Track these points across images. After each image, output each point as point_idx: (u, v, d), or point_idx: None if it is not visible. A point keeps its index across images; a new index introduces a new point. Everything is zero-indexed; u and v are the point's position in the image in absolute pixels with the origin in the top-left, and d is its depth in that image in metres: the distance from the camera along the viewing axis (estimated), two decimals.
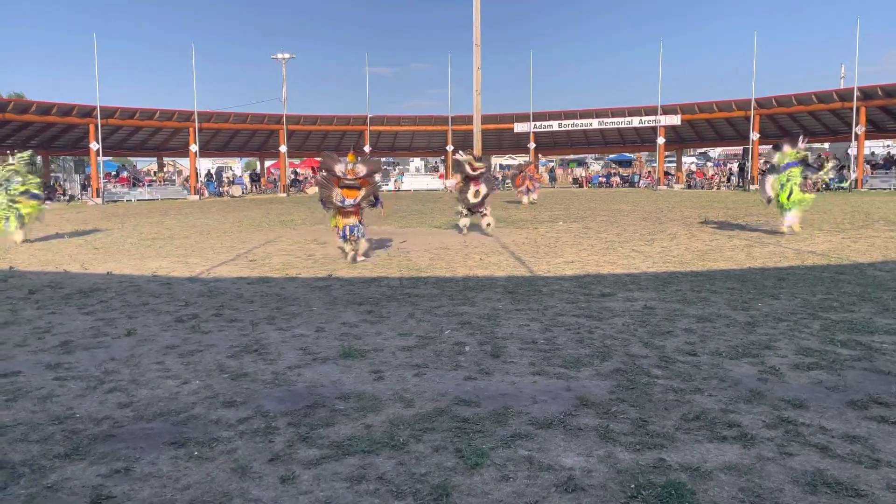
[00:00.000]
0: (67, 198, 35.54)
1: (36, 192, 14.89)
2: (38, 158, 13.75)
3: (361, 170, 10.38)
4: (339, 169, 10.30)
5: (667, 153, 45.57)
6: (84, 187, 37.26)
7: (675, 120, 40.22)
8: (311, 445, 3.51)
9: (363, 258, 10.57)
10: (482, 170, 14.42)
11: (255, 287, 8.39)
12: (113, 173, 42.81)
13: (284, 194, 40.58)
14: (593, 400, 4.12)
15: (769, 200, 14.09)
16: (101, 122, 34.58)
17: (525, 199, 25.67)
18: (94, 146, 34.52)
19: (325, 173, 10.63)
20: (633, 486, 3.00)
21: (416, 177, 48.06)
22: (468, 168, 14.33)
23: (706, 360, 4.94)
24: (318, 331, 6.03)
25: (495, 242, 13.11)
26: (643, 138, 45.76)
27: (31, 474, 3.22)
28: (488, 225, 14.54)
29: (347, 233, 10.43)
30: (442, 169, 47.00)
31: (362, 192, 10.44)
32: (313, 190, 42.29)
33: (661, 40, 72.50)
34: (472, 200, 14.43)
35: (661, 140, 40.73)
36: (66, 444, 3.56)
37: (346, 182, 10.30)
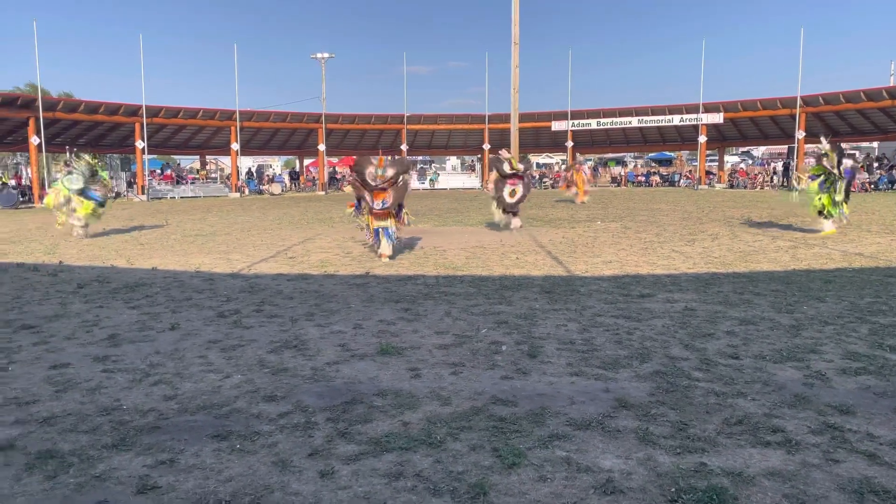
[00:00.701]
0: (114, 195, 36.46)
1: (93, 193, 15.23)
2: (105, 164, 14.16)
3: (390, 172, 10.60)
4: (369, 172, 10.50)
5: (708, 152, 44.71)
6: (130, 184, 38.19)
7: (717, 118, 39.45)
8: (350, 441, 3.55)
9: (388, 258, 10.61)
10: (521, 170, 14.46)
11: (295, 284, 8.50)
12: (157, 171, 43.82)
13: (323, 192, 41.01)
14: (632, 402, 4.08)
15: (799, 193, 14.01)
16: (146, 121, 35.40)
17: (578, 198, 25.36)
18: (139, 144, 35.35)
19: (355, 175, 10.84)
20: (673, 489, 2.97)
21: (452, 175, 48.08)
22: (507, 167, 14.35)
23: (749, 363, 4.85)
24: (356, 328, 6.09)
25: (532, 241, 13.05)
26: (684, 137, 44.98)
27: (79, 464, 3.32)
28: (516, 225, 14.59)
29: (382, 236, 10.62)
30: (479, 167, 46.89)
31: (391, 195, 10.59)
32: (349, 188, 42.66)
33: (704, 37, 70.98)
34: (509, 200, 14.48)
35: (702, 138, 40.00)
36: (113, 435, 3.66)
37: (376, 185, 10.51)
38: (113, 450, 3.48)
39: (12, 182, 37.15)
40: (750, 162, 60.28)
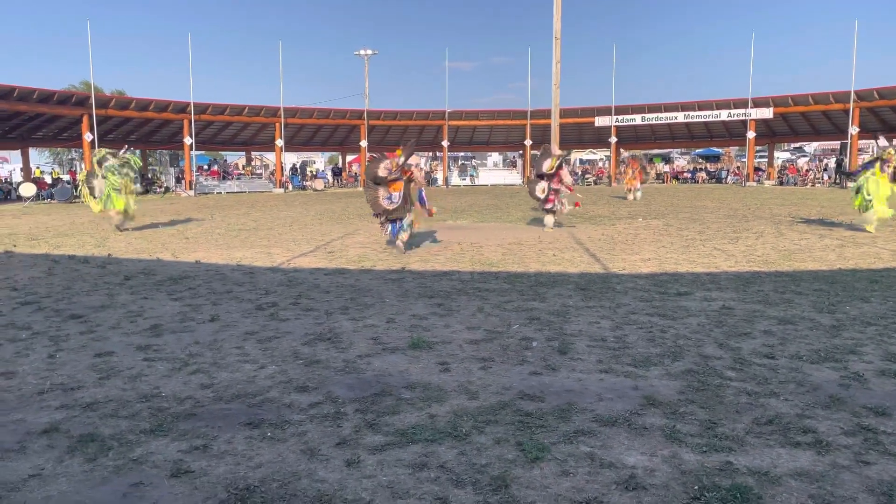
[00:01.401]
0: (163, 190, 37.46)
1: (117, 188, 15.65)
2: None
3: (403, 160, 10.90)
4: (384, 166, 10.81)
5: (757, 148, 43.64)
6: (178, 180, 39.18)
7: (766, 113, 38.48)
8: (377, 432, 3.62)
9: (401, 247, 10.99)
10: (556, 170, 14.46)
11: (332, 278, 8.64)
12: (205, 167, 44.84)
13: (365, 188, 41.41)
14: (661, 400, 4.05)
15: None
16: (194, 118, 36.24)
17: (630, 196, 25.01)
18: (187, 141, 36.23)
19: (369, 177, 11.18)
20: (696, 487, 2.95)
21: (493, 171, 47.98)
22: (545, 166, 14.39)
23: (784, 363, 4.76)
24: (389, 322, 6.17)
25: (570, 238, 12.98)
26: (732, 132, 44.02)
27: (118, 447, 3.46)
28: (549, 225, 14.55)
29: (397, 229, 11.04)
30: (520, 163, 46.67)
31: (401, 190, 10.93)
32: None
33: (752, 30, 69.22)
34: (539, 196, 14.55)
35: (751, 134, 39.06)
36: (151, 421, 3.81)
37: (391, 178, 10.81)
38: (150, 435, 3.61)
39: (67, 177, 38.49)
40: (805, 158, 58.59)
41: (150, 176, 41.00)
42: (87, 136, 31.83)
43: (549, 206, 14.58)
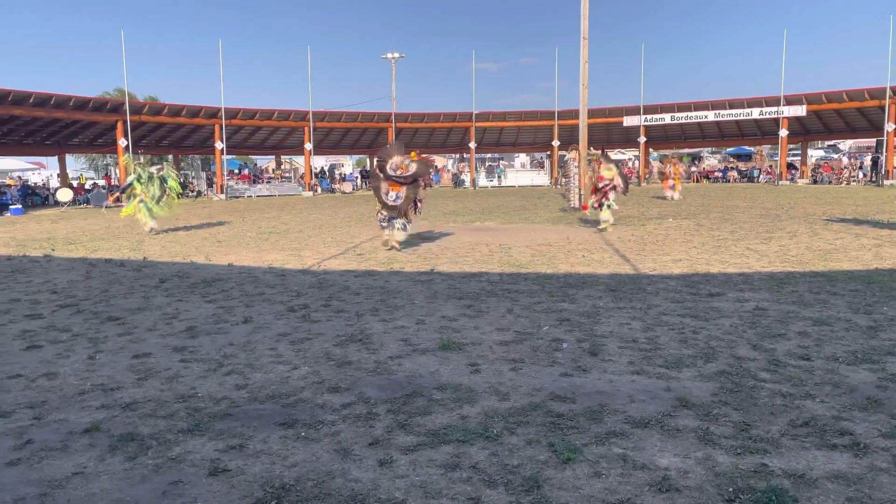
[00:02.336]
0: (195, 194, 38.06)
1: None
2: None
3: (412, 168, 11.34)
4: (394, 161, 11.22)
5: (790, 146, 42.86)
6: (209, 184, 39.77)
7: (799, 111, 37.79)
8: (409, 432, 3.66)
9: (397, 248, 11.49)
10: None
11: (362, 280, 8.71)
12: (235, 171, 45.47)
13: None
14: (694, 401, 4.03)
15: None
16: (225, 123, 36.77)
17: (669, 195, 24.69)
18: (218, 145, 36.77)
19: (377, 165, 11.66)
20: (731, 489, 2.93)
21: (520, 172, 47.84)
22: (596, 166, 14.57)
23: (820, 364, 4.69)
24: (419, 323, 6.21)
25: (600, 239, 12.90)
26: (764, 130, 43.29)
27: (157, 446, 3.54)
28: (605, 223, 14.46)
29: (385, 223, 11.59)
30: (548, 164, 46.43)
31: (404, 193, 11.39)
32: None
33: (784, 26, 68.03)
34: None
35: (783, 132, 38.40)
36: (188, 421, 3.89)
37: (394, 177, 11.22)
38: (188, 434, 3.69)
39: (102, 182, 39.32)
40: (835, 156, 57.40)
41: (182, 180, 41.69)
42: (122, 142, 32.49)
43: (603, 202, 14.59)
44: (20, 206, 27.25)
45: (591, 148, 15.48)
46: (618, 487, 2.99)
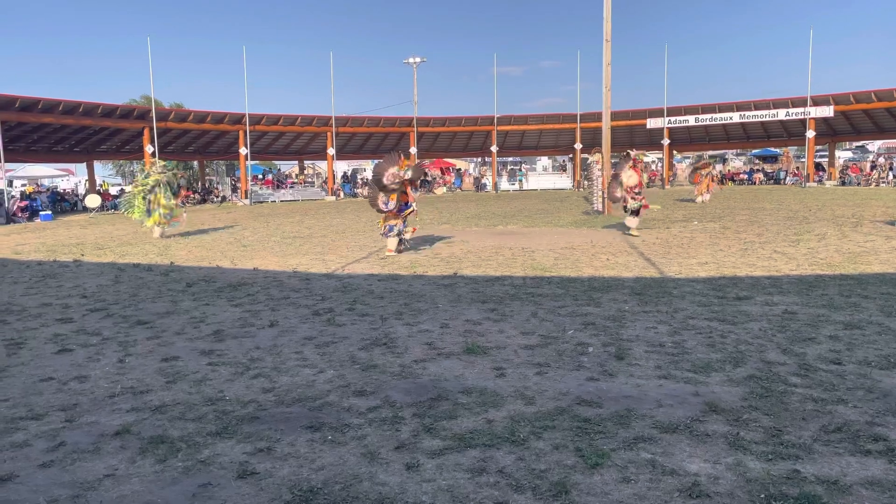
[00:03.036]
0: (220, 199, 38.47)
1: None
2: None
3: (409, 174, 11.78)
4: (390, 173, 11.70)
5: (817, 147, 42.18)
6: (234, 189, 40.18)
7: (826, 111, 37.18)
8: (435, 436, 3.66)
9: (395, 252, 11.75)
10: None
11: (385, 284, 8.74)
12: (259, 176, 45.89)
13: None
14: (723, 406, 3.98)
15: None
16: (249, 129, 37.14)
17: (699, 199, 24.32)
18: (243, 151, 37.13)
19: (373, 179, 12.20)
20: (762, 496, 2.89)
21: (542, 176, 47.65)
22: (627, 167, 14.38)
23: (852, 369, 4.60)
24: (443, 327, 6.21)
25: (624, 243, 12.80)
26: (790, 132, 42.66)
27: (187, 449, 3.58)
28: (632, 225, 14.31)
29: (387, 231, 11.88)
30: (570, 167, 46.23)
31: (395, 198, 11.76)
32: (441, 190, 43.15)
33: (811, 26, 67.09)
34: (617, 196, 14.49)
35: (810, 133, 37.81)
36: (216, 424, 3.93)
37: (391, 187, 11.66)
38: (216, 437, 3.73)
39: (129, 188, 39.91)
40: (867, 157, 56.35)
41: (208, 186, 42.19)
42: (149, 149, 32.94)
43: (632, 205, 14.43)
44: (50, 213, 27.77)
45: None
46: (647, 493, 2.97)
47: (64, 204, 34.36)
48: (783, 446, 3.39)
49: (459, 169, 53.11)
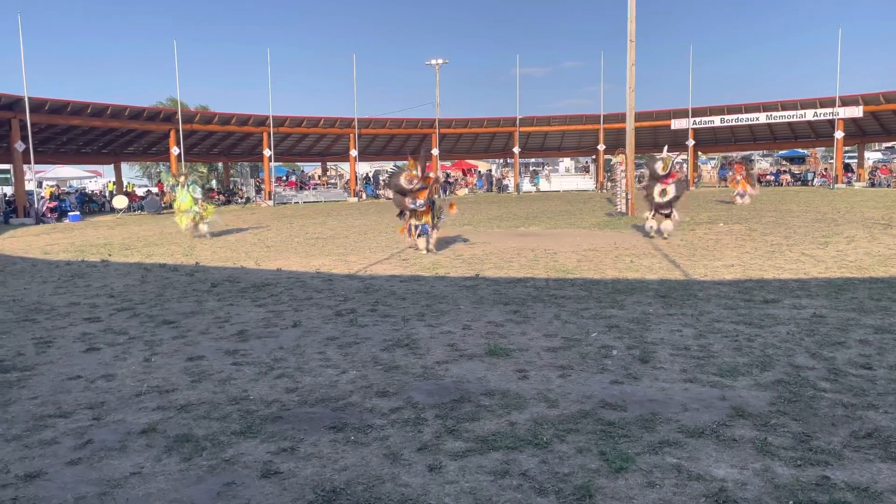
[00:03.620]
0: (244, 200, 38.84)
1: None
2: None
3: (419, 172, 12.03)
4: (404, 181, 12.01)
5: (846, 148, 41.47)
6: (258, 190, 40.54)
7: (855, 112, 36.54)
8: (458, 438, 3.64)
9: (433, 251, 12.08)
10: (676, 173, 14.10)
11: (407, 285, 8.75)
12: (283, 177, 46.24)
13: (436, 196, 41.72)
14: (751, 411, 3.91)
15: None
16: (273, 130, 37.46)
17: (739, 201, 23.82)
18: (266, 153, 37.46)
19: (395, 190, 12.46)
20: (791, 502, 2.83)
21: (565, 177, 47.41)
22: (660, 167, 13.98)
23: (883, 374, 4.51)
24: (465, 328, 6.20)
25: (648, 245, 12.69)
26: (818, 132, 42.00)
27: (211, 448, 3.61)
28: (668, 231, 13.87)
29: (420, 231, 12.09)
30: (593, 169, 45.95)
31: (427, 193, 12.01)
32: (463, 192, 43.13)
33: (839, 25, 65.88)
34: (658, 200, 13.98)
35: (839, 134, 37.19)
36: (241, 423, 3.96)
37: (413, 188, 11.88)
38: (241, 436, 3.76)
39: (155, 189, 40.45)
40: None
41: (231, 187, 42.61)
42: (174, 150, 33.37)
43: (666, 211, 13.98)
44: (78, 213, 28.24)
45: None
46: (673, 498, 2.93)
47: (92, 205, 34.92)
48: (812, 452, 3.33)
49: (482, 172, 52.94)
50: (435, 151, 42.63)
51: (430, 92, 43.10)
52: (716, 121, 40.89)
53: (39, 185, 34.22)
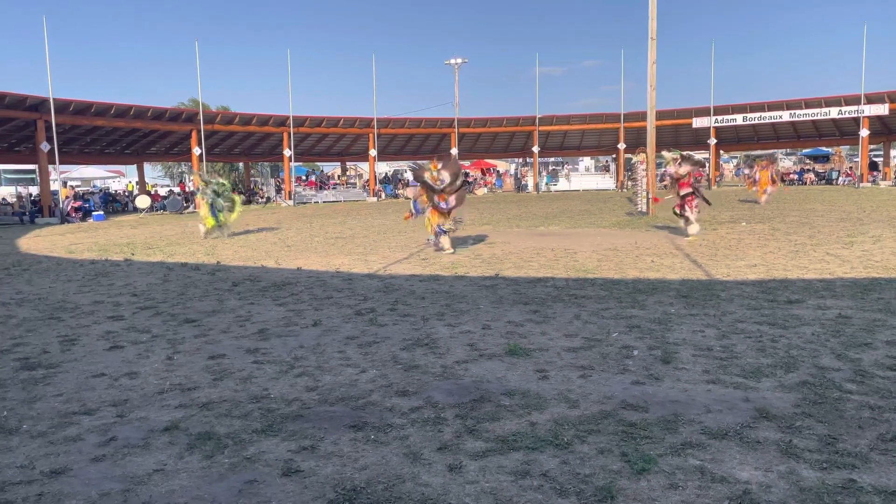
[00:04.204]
0: (264, 200, 39.14)
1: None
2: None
3: (445, 176, 11.93)
4: (428, 177, 11.95)
5: (872, 146, 40.80)
6: (278, 190, 40.83)
7: (881, 109, 35.94)
8: (478, 438, 3.63)
9: (451, 250, 12.05)
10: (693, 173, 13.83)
11: (427, 284, 8.75)
12: (303, 177, 46.53)
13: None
14: (775, 413, 3.86)
15: None
16: (293, 131, 37.70)
17: (763, 198, 23.44)
18: (287, 153, 37.73)
19: (421, 184, 12.44)
20: None
21: (585, 176, 47.19)
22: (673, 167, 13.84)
23: None
24: (485, 328, 6.19)
25: (670, 244, 12.58)
26: (843, 130, 41.39)
27: (233, 446, 3.64)
28: (693, 232, 13.51)
29: (439, 230, 12.14)
30: (613, 168, 45.67)
31: (454, 199, 12.04)
32: (482, 191, 43.06)
33: (864, 21, 64.87)
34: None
35: (864, 132, 36.62)
36: (262, 421, 3.98)
37: (441, 189, 11.88)
38: (262, 434, 3.78)
39: (177, 189, 40.89)
40: None
41: (252, 187, 42.96)
42: (196, 151, 33.71)
43: (685, 212, 13.69)
44: (102, 213, 28.63)
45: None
46: (696, 500, 2.89)
47: (115, 205, 35.39)
48: (838, 455, 3.27)
49: (499, 171, 52.85)
50: (454, 151, 42.60)
51: (449, 91, 43.10)
52: (738, 119, 40.46)
53: (65, 184, 34.74)
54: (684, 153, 14.57)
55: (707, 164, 42.66)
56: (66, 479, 3.30)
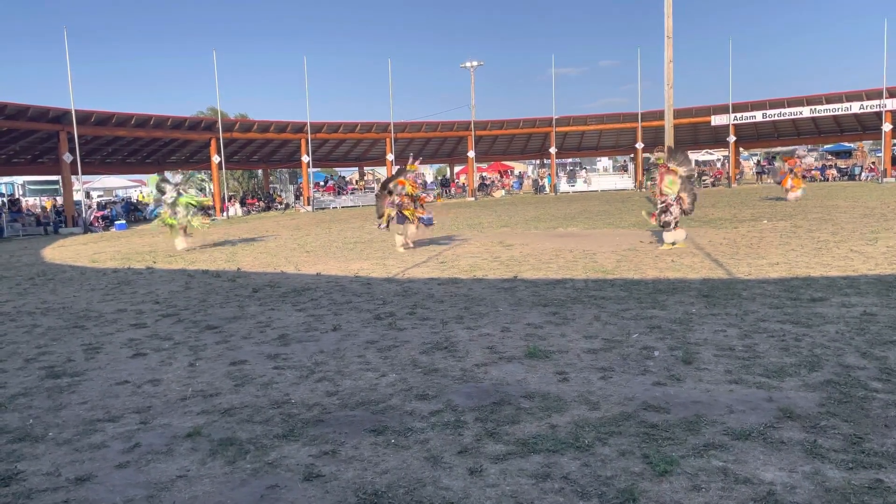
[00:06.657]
0: (283, 206, 39.41)
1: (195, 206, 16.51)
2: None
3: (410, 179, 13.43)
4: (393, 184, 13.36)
5: (895, 141, 40.16)
6: (297, 196, 41.09)
7: None
8: (498, 441, 3.63)
9: (405, 245, 13.42)
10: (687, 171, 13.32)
11: (445, 288, 8.75)
12: (321, 183, 46.78)
13: (472, 198, 41.72)
14: (799, 413, 3.81)
15: None
16: (310, 137, 37.94)
17: (792, 196, 23.08)
18: (305, 159, 37.97)
19: (383, 189, 13.80)
20: None
21: (603, 176, 46.97)
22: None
23: None
24: (504, 331, 6.17)
25: (690, 243, 12.45)
26: (865, 125, 40.76)
27: (255, 451, 3.66)
28: (668, 240, 12.10)
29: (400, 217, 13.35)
30: (632, 167, 45.40)
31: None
32: (500, 193, 43.00)
33: (884, 15, 63.79)
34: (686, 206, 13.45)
35: (886, 126, 36.04)
36: (283, 426, 4.00)
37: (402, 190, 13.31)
38: (283, 440, 3.80)
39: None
40: None
41: (271, 192, 43.29)
42: (215, 159, 34.03)
43: (662, 218, 12.29)
44: (124, 222, 29.00)
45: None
46: (719, 502, 2.86)
47: (137, 214, 35.82)
48: (864, 454, 3.22)
49: (517, 172, 52.75)
50: (471, 154, 42.64)
51: (466, 94, 43.16)
52: (757, 116, 40.00)
53: (87, 195, 35.21)
54: (670, 147, 14.01)
55: (710, 164, 42.19)
56: (91, 485, 3.35)
